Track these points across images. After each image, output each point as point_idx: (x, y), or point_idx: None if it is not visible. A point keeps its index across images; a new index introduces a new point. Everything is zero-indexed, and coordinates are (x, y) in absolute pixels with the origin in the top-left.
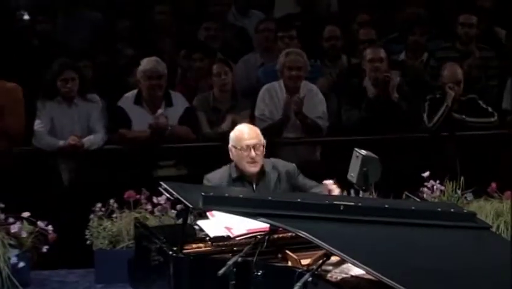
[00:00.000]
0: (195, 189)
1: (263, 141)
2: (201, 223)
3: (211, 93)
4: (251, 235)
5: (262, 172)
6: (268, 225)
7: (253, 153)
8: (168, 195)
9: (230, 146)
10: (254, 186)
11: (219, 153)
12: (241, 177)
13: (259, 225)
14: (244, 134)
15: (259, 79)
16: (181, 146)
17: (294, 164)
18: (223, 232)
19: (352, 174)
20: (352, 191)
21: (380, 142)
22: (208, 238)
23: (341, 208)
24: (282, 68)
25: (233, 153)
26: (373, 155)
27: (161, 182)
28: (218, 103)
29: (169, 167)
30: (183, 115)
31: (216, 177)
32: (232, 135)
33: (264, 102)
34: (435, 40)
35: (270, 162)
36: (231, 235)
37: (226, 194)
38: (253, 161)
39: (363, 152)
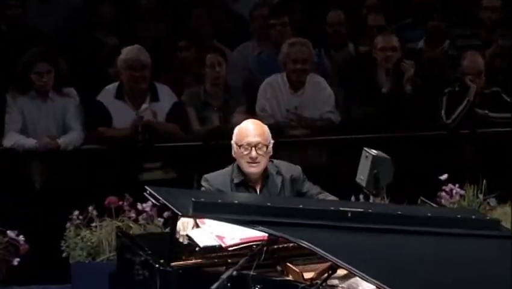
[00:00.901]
0: (184, 194)
1: (269, 140)
2: (190, 231)
3: (202, 86)
4: (246, 245)
5: (266, 176)
6: (266, 234)
7: (254, 153)
8: (154, 202)
9: (232, 141)
10: (258, 192)
11: (211, 154)
12: (244, 183)
13: (255, 234)
14: (248, 130)
15: (251, 71)
16: (168, 145)
17: (299, 167)
18: (214, 242)
19: (361, 177)
20: (361, 196)
21: (393, 140)
22: (198, 249)
23: (349, 215)
24: (285, 60)
25: (234, 150)
26: (385, 155)
27: (146, 187)
28: (210, 98)
29: (155, 170)
30: (171, 111)
31: (218, 180)
32: (236, 130)
33: (265, 97)
34: (455, 27)
35: (273, 165)
36: (223, 245)
37: (219, 200)
38: (253, 161)
39: (373, 151)
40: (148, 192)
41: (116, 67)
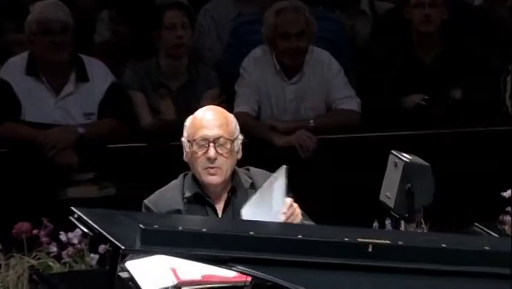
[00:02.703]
0: (129, 218)
1: (236, 135)
2: (131, 264)
3: (154, 60)
4: (213, 285)
5: (232, 189)
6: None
7: (212, 151)
8: (84, 230)
9: (183, 138)
10: (220, 213)
11: (167, 159)
12: (199, 198)
13: (229, 272)
14: (204, 120)
15: (230, 44)
16: (104, 148)
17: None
18: (167, 278)
19: (388, 194)
20: (388, 222)
21: (433, 140)
22: None
23: (370, 250)
24: (272, 35)
25: (186, 150)
26: (423, 162)
27: (73, 209)
28: (167, 77)
29: (86, 184)
30: (106, 98)
31: (164, 201)
32: (187, 121)
33: (248, 84)
34: None
35: (245, 175)
36: (177, 282)
37: (180, 228)
38: (211, 165)
39: (406, 156)
40: (76, 216)
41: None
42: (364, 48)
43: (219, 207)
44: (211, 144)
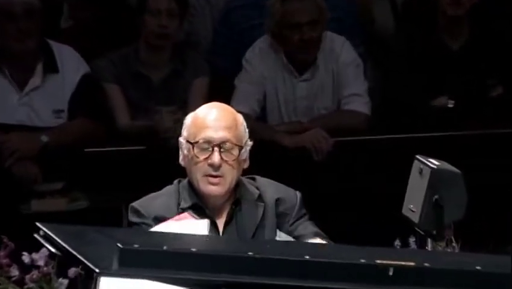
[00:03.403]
0: (103, 236)
1: (245, 140)
2: (107, 282)
3: (132, 47)
4: None
5: (236, 202)
6: None
7: (216, 157)
8: (52, 249)
9: (181, 138)
10: (221, 229)
11: (150, 166)
12: (198, 210)
13: None
14: (208, 119)
15: (219, 33)
16: (75, 153)
17: (296, 193)
18: None
19: (412, 207)
20: (412, 240)
21: (464, 142)
22: None
23: (391, 273)
24: (278, 26)
25: (184, 153)
26: (452, 168)
27: (39, 224)
28: (147, 67)
29: (53, 195)
30: (77, 91)
31: (155, 207)
32: (188, 119)
33: (250, 79)
34: None
35: (252, 185)
36: None
37: (165, 247)
38: (215, 175)
39: (433, 162)
40: (42, 233)
41: None
42: (381, 34)
43: (220, 222)
44: (216, 149)
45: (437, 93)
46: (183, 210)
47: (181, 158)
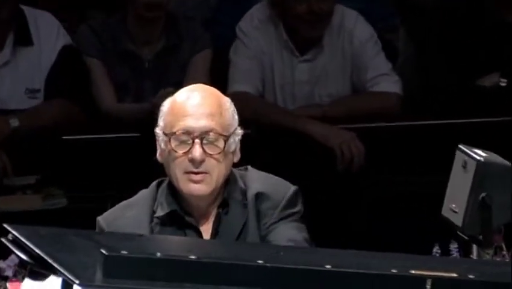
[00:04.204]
0: (85, 240)
1: (233, 129)
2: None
3: (117, 18)
4: None
5: (223, 203)
6: None
7: (197, 150)
8: (23, 256)
9: (157, 129)
10: (205, 236)
11: (145, 158)
12: (177, 217)
13: None
14: (187, 105)
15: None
16: (51, 141)
17: (290, 188)
18: None
19: (453, 207)
20: (453, 246)
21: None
22: None
23: (428, 286)
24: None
25: (161, 147)
26: (503, 161)
27: (7, 226)
28: (137, 43)
29: (25, 192)
30: (55, 68)
31: (123, 220)
32: (165, 105)
33: (246, 53)
34: None
35: (240, 180)
36: None
37: (158, 254)
38: (194, 171)
39: (479, 153)
40: (10, 237)
41: None
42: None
43: (205, 229)
44: (197, 141)
45: (486, 70)
46: (159, 219)
47: (157, 152)
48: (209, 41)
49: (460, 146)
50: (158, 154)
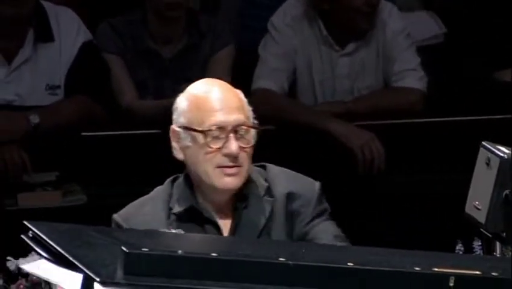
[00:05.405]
0: (105, 237)
1: (253, 120)
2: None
3: (139, 16)
4: None
5: (243, 198)
6: None
7: (234, 145)
8: (43, 253)
9: (177, 127)
10: (226, 233)
11: (165, 155)
12: (196, 214)
13: None
14: (215, 99)
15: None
16: (71, 138)
17: (315, 184)
18: None
19: (477, 204)
20: (477, 244)
21: None
22: None
23: (451, 284)
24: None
25: (182, 145)
26: None
27: (27, 223)
28: (157, 41)
29: (45, 188)
30: (76, 64)
31: (139, 217)
32: (184, 102)
33: (275, 52)
34: None
35: (260, 176)
36: None
37: (180, 251)
38: (229, 165)
39: (503, 150)
40: (30, 234)
41: None
42: None
43: (224, 224)
44: (232, 135)
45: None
46: (177, 216)
47: (176, 150)
48: (231, 38)
49: (484, 143)
50: (176, 152)
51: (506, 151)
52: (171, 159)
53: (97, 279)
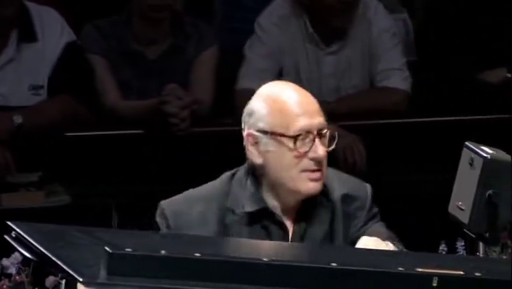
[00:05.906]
0: (88, 237)
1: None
2: None
3: (122, 18)
4: None
5: (312, 203)
6: None
7: (321, 149)
8: (26, 254)
9: (255, 132)
10: (290, 230)
11: (149, 155)
12: (267, 215)
13: None
14: (299, 103)
15: None
16: (54, 138)
17: (367, 187)
18: None
19: (460, 204)
20: (460, 244)
21: None
22: None
23: (435, 284)
24: None
25: (264, 150)
26: (509, 158)
27: (10, 223)
28: (141, 43)
29: (28, 189)
30: (59, 64)
31: (192, 216)
32: (264, 107)
33: (263, 53)
34: None
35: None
36: None
37: (163, 252)
38: (315, 169)
39: (486, 150)
40: (14, 234)
41: None
42: None
43: (291, 227)
44: (317, 139)
45: (493, 64)
46: (237, 215)
47: (252, 154)
48: (214, 39)
49: (467, 143)
50: (254, 155)
51: (489, 151)
52: (154, 159)
53: (80, 280)
